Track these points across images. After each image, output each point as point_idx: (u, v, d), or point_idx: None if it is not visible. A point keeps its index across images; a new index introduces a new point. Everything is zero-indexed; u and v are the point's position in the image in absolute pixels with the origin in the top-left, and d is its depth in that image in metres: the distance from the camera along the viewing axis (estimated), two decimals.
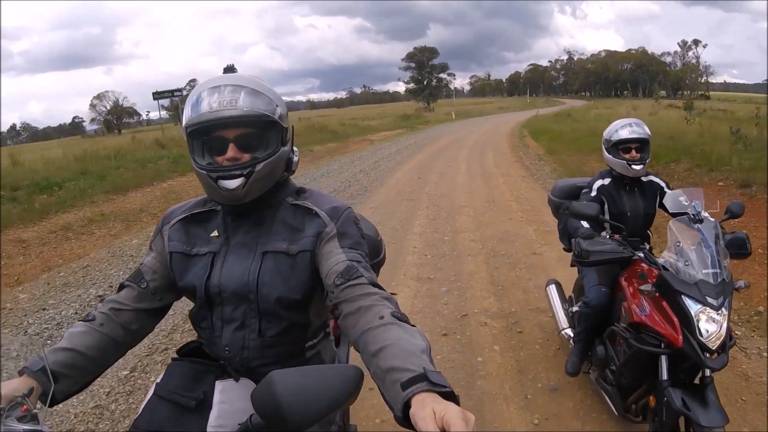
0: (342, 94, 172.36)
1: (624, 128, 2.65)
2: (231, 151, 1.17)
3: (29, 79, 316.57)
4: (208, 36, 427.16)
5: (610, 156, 2.68)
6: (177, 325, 4.00)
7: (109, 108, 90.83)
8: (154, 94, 24.79)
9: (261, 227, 1.26)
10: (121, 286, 1.31)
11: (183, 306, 3.77)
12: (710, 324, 1.84)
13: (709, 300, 1.85)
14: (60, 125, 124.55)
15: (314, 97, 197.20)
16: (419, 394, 0.79)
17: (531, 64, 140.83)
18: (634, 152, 2.61)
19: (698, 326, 1.84)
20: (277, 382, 0.78)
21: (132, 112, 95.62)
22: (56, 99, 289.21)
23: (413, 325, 1.00)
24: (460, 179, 10.56)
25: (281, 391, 0.76)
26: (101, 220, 7.88)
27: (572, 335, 2.83)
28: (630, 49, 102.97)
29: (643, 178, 2.74)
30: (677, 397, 1.86)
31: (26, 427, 0.85)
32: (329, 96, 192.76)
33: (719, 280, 1.88)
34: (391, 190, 9.55)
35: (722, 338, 1.84)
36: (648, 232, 2.80)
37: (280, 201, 1.28)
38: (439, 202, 8.31)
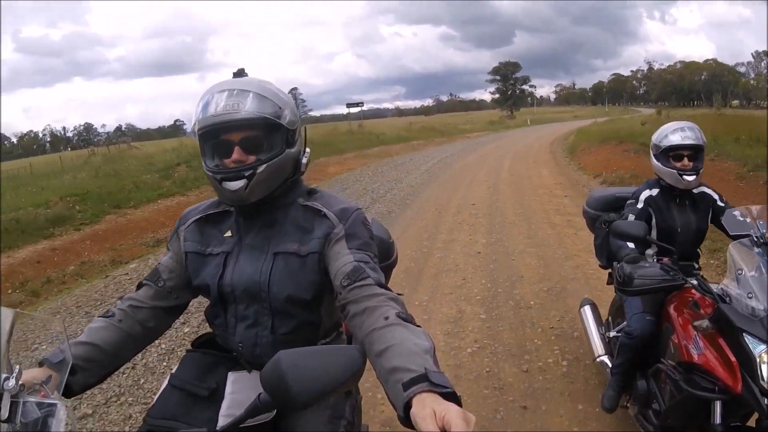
0: (428, 102, 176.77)
1: (675, 133, 2.35)
2: (236, 154, 1.20)
3: (126, 83, 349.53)
4: (296, 45, 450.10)
5: (659, 164, 2.39)
6: None
7: None
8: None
9: (272, 228, 1.29)
10: (140, 285, 1.34)
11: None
12: None
13: None
14: (160, 127, 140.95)
15: (400, 104, 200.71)
16: (420, 394, 0.80)
17: (614, 74, 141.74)
18: (686, 160, 2.32)
19: (761, 369, 1.58)
20: (284, 360, 0.81)
21: None
22: (151, 103, 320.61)
23: (418, 326, 1.02)
24: (519, 146, 21.79)
25: (287, 370, 0.80)
26: None
27: (609, 364, 2.56)
28: (707, 60, 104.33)
29: (695, 190, 2.44)
30: None
31: (45, 401, 0.86)
32: (415, 103, 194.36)
33: None
34: (481, 152, 20.52)
35: None
36: (698, 250, 2.52)
37: (291, 202, 1.31)
38: (508, 151, 19.21)
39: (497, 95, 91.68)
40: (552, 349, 3.41)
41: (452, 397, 0.80)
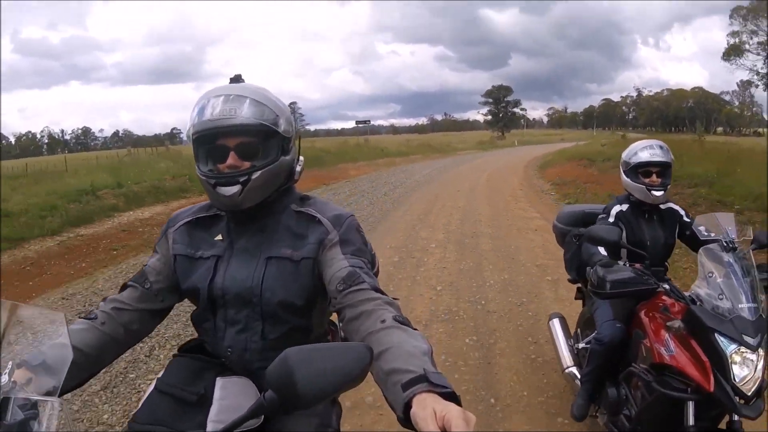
0: (423, 120, 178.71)
1: (644, 150, 2.44)
2: (231, 159, 1.20)
3: (121, 90, 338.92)
4: (295, 59, 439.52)
5: (629, 180, 2.47)
6: None
7: None
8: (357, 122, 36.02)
9: (265, 233, 1.28)
10: (125, 286, 1.32)
11: None
12: (745, 366, 1.63)
13: (746, 339, 1.64)
14: (156, 135, 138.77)
15: (395, 122, 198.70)
16: (420, 394, 0.80)
17: (604, 99, 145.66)
18: (654, 177, 2.40)
19: (732, 368, 1.63)
20: (292, 357, 0.80)
21: None
22: (145, 110, 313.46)
23: (415, 329, 1.01)
24: (501, 163, 24.73)
25: (296, 367, 0.79)
26: None
27: (578, 375, 2.57)
28: (694, 88, 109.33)
29: (662, 206, 2.52)
30: None
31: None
32: (410, 121, 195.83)
33: (757, 315, 1.67)
34: (470, 165, 23.86)
35: (758, 381, 1.64)
36: (665, 264, 2.59)
37: (284, 208, 1.31)
38: (491, 165, 22.22)
39: (489, 117, 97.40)
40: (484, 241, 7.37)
41: (452, 396, 0.80)
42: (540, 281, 5.12)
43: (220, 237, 1.32)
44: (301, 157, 1.40)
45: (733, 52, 21.03)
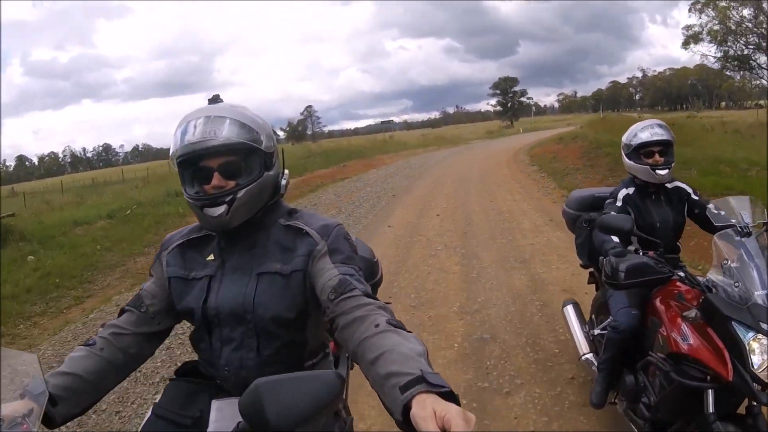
0: (435, 114, 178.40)
1: (644, 131, 2.44)
2: (215, 180, 1.21)
3: (133, 105, 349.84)
4: (302, 62, 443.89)
5: (631, 162, 2.46)
6: None
7: None
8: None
9: (255, 249, 1.29)
10: (122, 311, 1.33)
11: None
12: (763, 353, 1.61)
13: (763, 326, 1.62)
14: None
15: (407, 117, 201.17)
16: (419, 395, 0.80)
17: (611, 82, 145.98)
18: (657, 156, 2.39)
19: (750, 356, 1.62)
20: (262, 388, 0.81)
21: None
22: (158, 123, 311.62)
23: (409, 331, 1.02)
24: (501, 147, 29.06)
25: (266, 397, 0.80)
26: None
27: (595, 362, 2.58)
28: (696, 65, 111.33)
29: (668, 185, 2.50)
30: (728, 431, 1.68)
31: None
32: (423, 116, 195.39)
33: None
34: (476, 149, 30.60)
35: None
36: (678, 244, 2.56)
37: (272, 223, 1.32)
38: (493, 150, 27.29)
39: (498, 107, 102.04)
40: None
41: (451, 396, 0.80)
42: (499, 187, 11.70)
43: (211, 257, 1.32)
44: (286, 171, 1.40)
45: (692, 40, 24.94)
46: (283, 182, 1.37)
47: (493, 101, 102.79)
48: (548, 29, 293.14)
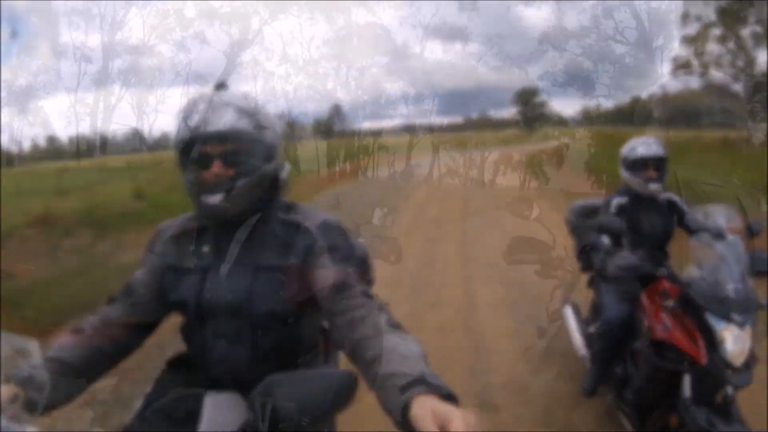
0: (459, 119, 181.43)
1: (641, 146, 2.59)
2: (215, 167, 1.16)
3: (156, 91, 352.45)
4: (328, 59, 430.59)
5: (627, 174, 2.63)
6: None
7: None
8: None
9: (252, 242, 1.24)
10: (111, 300, 1.28)
11: None
12: (734, 341, 1.80)
13: (734, 316, 1.82)
14: None
15: (430, 120, 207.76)
16: (419, 396, 0.80)
17: (633, 97, 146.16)
18: (651, 170, 2.55)
19: (722, 343, 1.81)
20: (275, 385, 0.81)
21: None
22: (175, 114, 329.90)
23: (408, 332, 1.01)
24: (509, 150, 26.26)
25: (278, 394, 0.79)
26: None
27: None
28: (707, 86, 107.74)
29: (661, 197, 2.66)
30: (702, 414, 1.83)
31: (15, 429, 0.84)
32: (445, 120, 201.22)
33: (743, 296, 1.85)
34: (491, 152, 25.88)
35: (746, 355, 1.81)
36: (665, 250, 2.72)
37: (270, 217, 1.27)
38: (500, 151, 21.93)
39: (519, 117, 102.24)
40: None
41: (450, 397, 0.80)
42: None
43: (206, 248, 1.26)
44: (287, 165, 1.34)
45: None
46: (283, 176, 1.31)
47: (514, 110, 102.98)
48: (576, 38, 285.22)
